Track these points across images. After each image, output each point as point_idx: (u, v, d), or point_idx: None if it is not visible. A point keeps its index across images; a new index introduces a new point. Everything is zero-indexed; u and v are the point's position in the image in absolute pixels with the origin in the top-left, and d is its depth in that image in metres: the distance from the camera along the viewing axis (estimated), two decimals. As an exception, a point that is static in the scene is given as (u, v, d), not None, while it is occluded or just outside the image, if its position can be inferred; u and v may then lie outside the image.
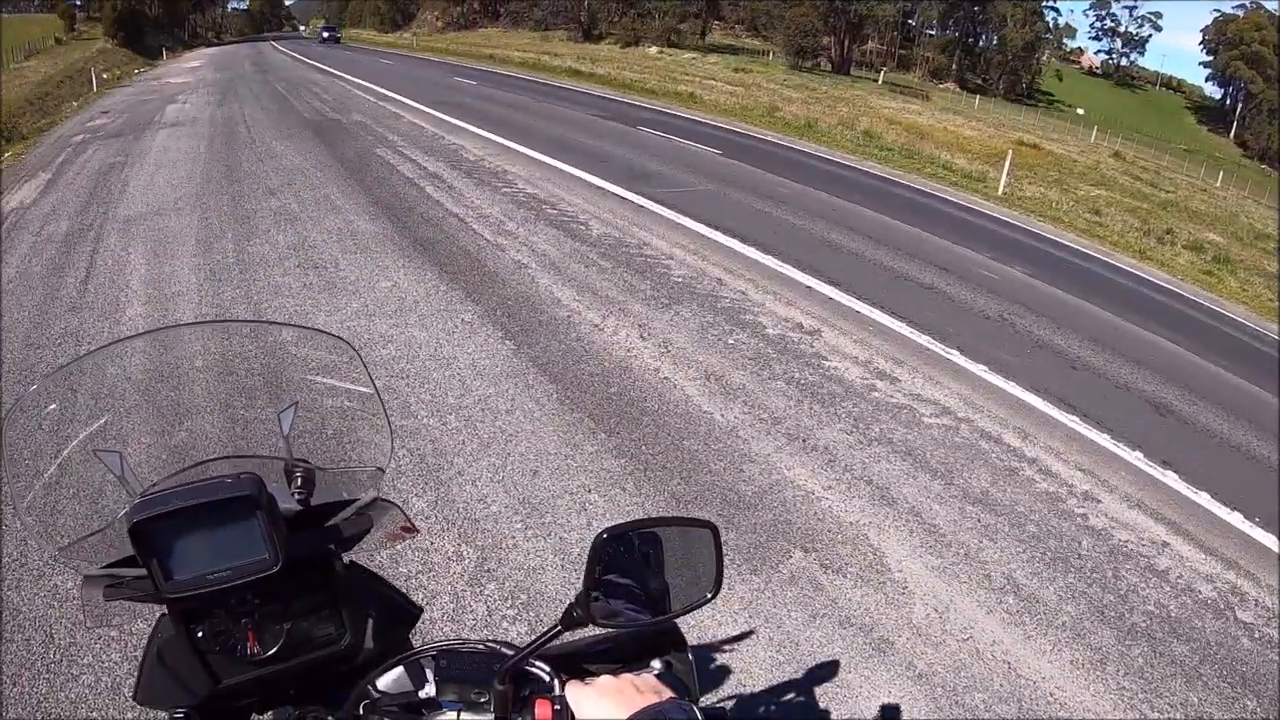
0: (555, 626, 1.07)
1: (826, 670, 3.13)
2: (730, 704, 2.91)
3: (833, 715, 3.03)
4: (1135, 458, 5.46)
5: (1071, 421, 5.78)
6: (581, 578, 1.05)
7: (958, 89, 74.17)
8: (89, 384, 1.39)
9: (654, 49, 61.53)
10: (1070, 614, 3.71)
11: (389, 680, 1.16)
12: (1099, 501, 4.79)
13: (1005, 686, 3.21)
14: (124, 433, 1.53)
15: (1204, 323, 10.83)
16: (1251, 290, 15.33)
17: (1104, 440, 5.62)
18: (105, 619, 1.16)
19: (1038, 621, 3.60)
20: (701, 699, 1.35)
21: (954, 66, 78.94)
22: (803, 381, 5.69)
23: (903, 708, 3.07)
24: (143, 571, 1.03)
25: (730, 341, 6.21)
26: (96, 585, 1.12)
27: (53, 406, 1.28)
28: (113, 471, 1.14)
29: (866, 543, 3.98)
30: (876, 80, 63.62)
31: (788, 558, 3.79)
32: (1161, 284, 12.96)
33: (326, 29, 79.46)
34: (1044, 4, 78.11)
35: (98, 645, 2.96)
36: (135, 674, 1.16)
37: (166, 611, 1.13)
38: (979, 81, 78.43)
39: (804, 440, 4.88)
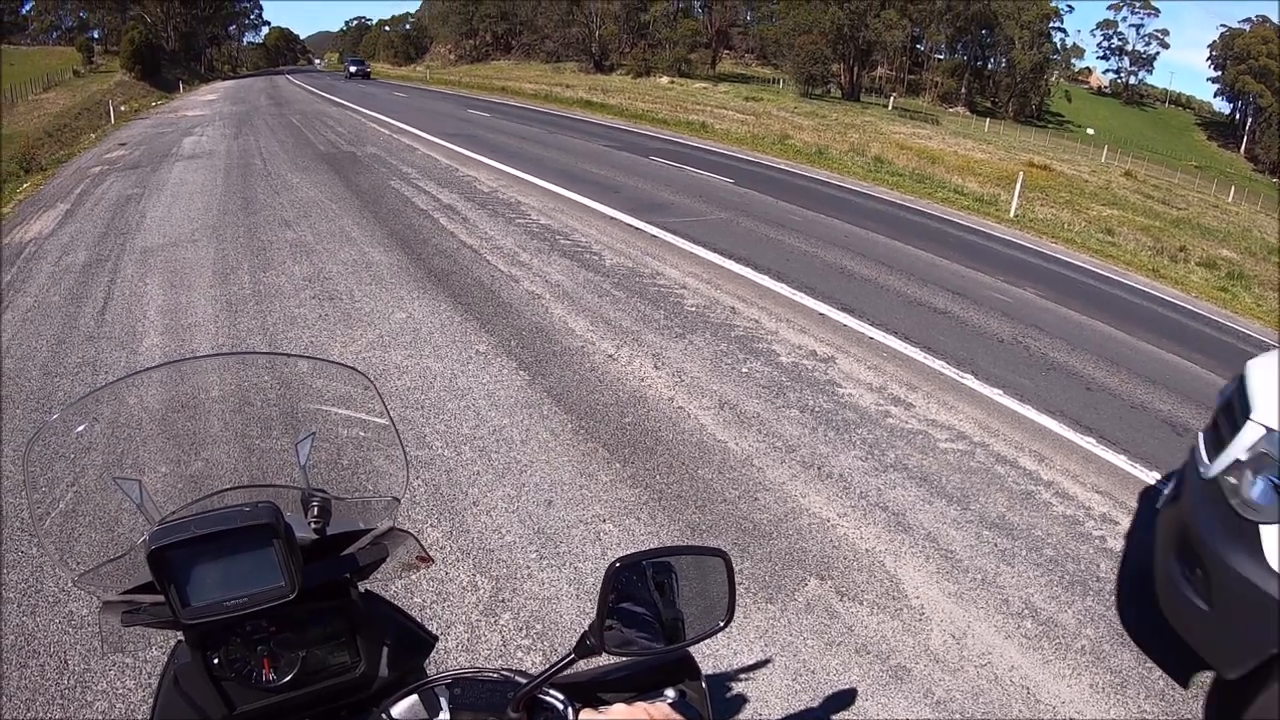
0: (569, 655, 1.08)
1: (843, 698, 3.11)
2: (747, 733, 2.89)
3: (851, 744, 3.01)
4: (1153, 478, 5.42)
5: (1088, 443, 5.74)
6: (595, 607, 1.06)
7: (967, 112, 74.48)
8: (108, 413, 1.40)
9: (665, 79, 62.13)
10: (1090, 637, 3.67)
11: (403, 708, 1.16)
12: (1117, 524, 4.75)
13: (1024, 712, 3.17)
14: (142, 461, 1.54)
15: (1219, 339, 10.74)
16: (1266, 305, 15.21)
17: (1121, 461, 5.57)
18: (122, 645, 1.17)
19: (1056, 646, 3.57)
20: (717, 727, 1.35)
21: (963, 90, 79.31)
22: (817, 409, 5.68)
23: (921, 736, 3.04)
24: (160, 598, 1.04)
25: (744, 370, 6.21)
26: (114, 611, 1.13)
27: (73, 435, 1.29)
28: (131, 499, 1.15)
29: (883, 569, 3.96)
30: (886, 106, 63.97)
31: (803, 585, 3.78)
32: (1176, 302, 12.88)
33: (354, 62, 73.37)
34: (1051, 25, 78.42)
35: (112, 672, 2.97)
36: (150, 700, 1.17)
37: (183, 638, 1.14)
38: (988, 104, 78.79)
39: (819, 468, 4.87)
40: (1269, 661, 2.94)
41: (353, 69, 67.88)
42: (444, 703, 1.16)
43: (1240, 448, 3.27)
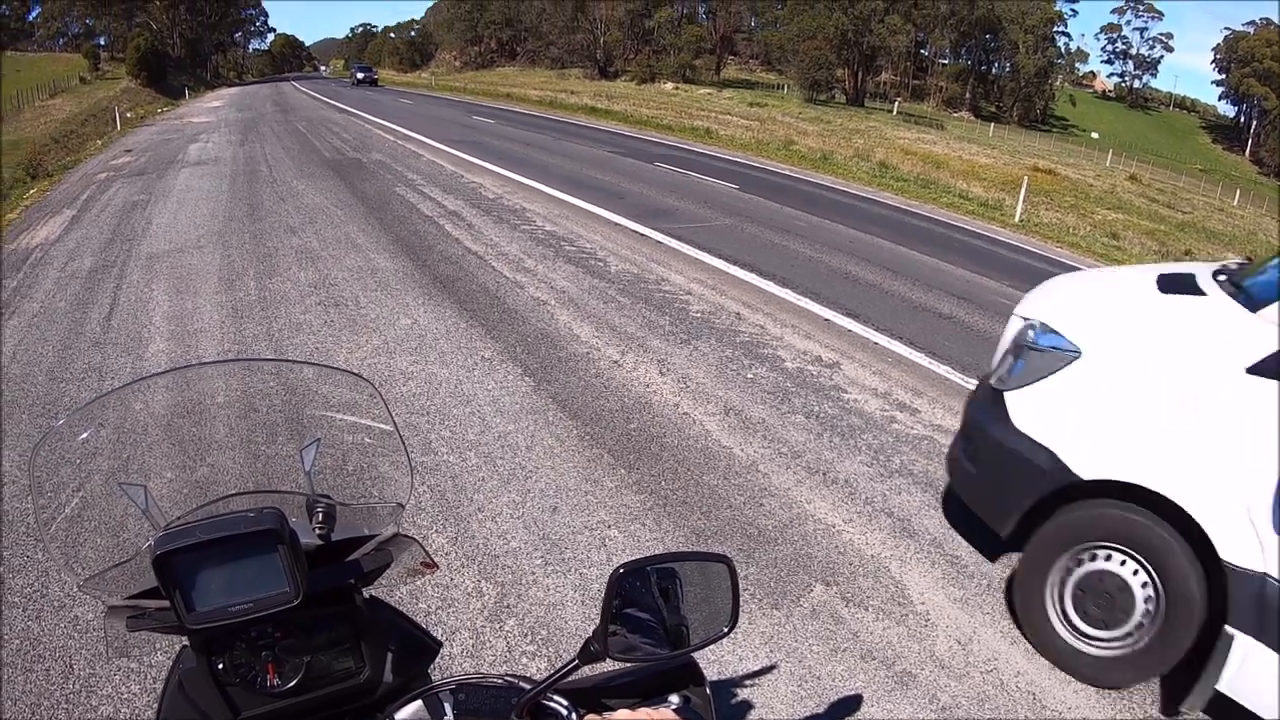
0: (572, 661, 1.08)
1: (849, 705, 3.10)
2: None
3: (856, 750, 3.00)
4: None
5: (1094, 450, 5.72)
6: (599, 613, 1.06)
7: (972, 117, 74.46)
8: (114, 419, 1.41)
9: (670, 85, 62.21)
10: (1096, 646, 3.65)
11: (407, 714, 1.16)
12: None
13: (1031, 718, 3.16)
14: (147, 467, 1.56)
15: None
16: (1274, 312, 15.16)
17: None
18: (127, 650, 1.17)
19: (1063, 654, 3.55)
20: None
21: (967, 95, 79.31)
22: (822, 414, 5.67)
23: (927, 742, 3.03)
24: (165, 603, 1.05)
25: (749, 376, 6.20)
26: (120, 616, 1.14)
27: (79, 440, 1.30)
28: (137, 505, 1.16)
29: (888, 575, 3.95)
30: (891, 111, 63.97)
31: (809, 592, 3.77)
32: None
33: (361, 69, 70.85)
34: (1055, 29, 78.42)
35: (117, 677, 2.98)
36: (155, 705, 1.17)
37: (188, 643, 1.14)
38: (993, 109, 78.78)
39: (824, 473, 4.86)
40: (1029, 518, 3.53)
41: (360, 76, 66.10)
42: (448, 708, 1.16)
43: (1006, 339, 3.86)
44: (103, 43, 75.56)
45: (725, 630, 1.15)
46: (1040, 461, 3.45)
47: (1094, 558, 3.38)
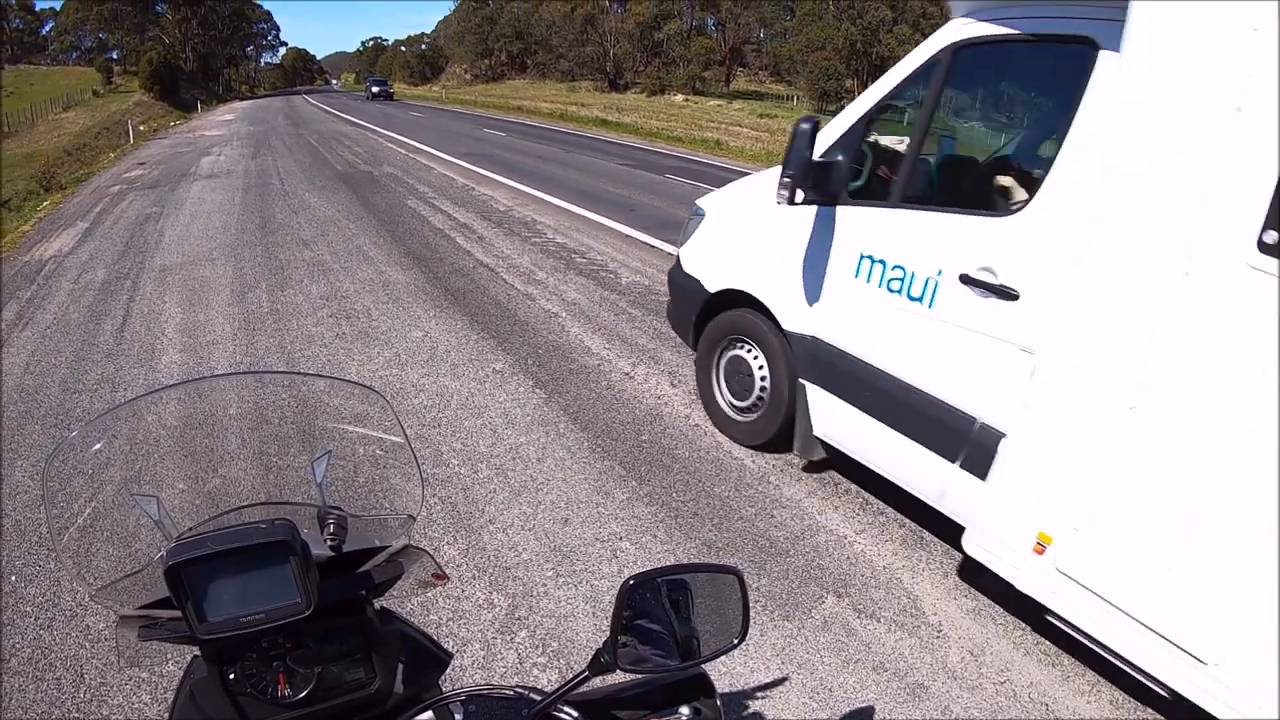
0: (583, 672, 1.08)
1: (861, 717, 3.08)
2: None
3: (868, 763, 2.98)
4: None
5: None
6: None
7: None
8: (126, 431, 1.42)
9: (679, 97, 62.21)
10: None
11: None
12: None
13: (1045, 733, 3.14)
14: (160, 478, 1.57)
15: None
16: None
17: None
18: (138, 659, 1.18)
19: (1075, 662, 3.53)
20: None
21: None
22: (832, 424, 5.65)
23: (940, 756, 3.01)
24: (177, 613, 1.05)
25: (759, 385, 6.19)
26: (131, 625, 1.14)
27: (91, 452, 1.31)
28: (149, 515, 1.16)
29: (900, 586, 3.93)
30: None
31: (820, 603, 3.75)
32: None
33: (375, 82, 69.49)
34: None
35: (128, 686, 2.98)
36: (166, 715, 1.18)
37: (199, 653, 1.14)
38: (1004, 120, 78.48)
39: (835, 484, 4.84)
40: (694, 330, 5.31)
41: (374, 89, 65.32)
42: (459, 719, 1.16)
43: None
44: (115, 56, 76.43)
45: (735, 641, 1.15)
46: (691, 287, 5.21)
47: (732, 348, 5.01)
